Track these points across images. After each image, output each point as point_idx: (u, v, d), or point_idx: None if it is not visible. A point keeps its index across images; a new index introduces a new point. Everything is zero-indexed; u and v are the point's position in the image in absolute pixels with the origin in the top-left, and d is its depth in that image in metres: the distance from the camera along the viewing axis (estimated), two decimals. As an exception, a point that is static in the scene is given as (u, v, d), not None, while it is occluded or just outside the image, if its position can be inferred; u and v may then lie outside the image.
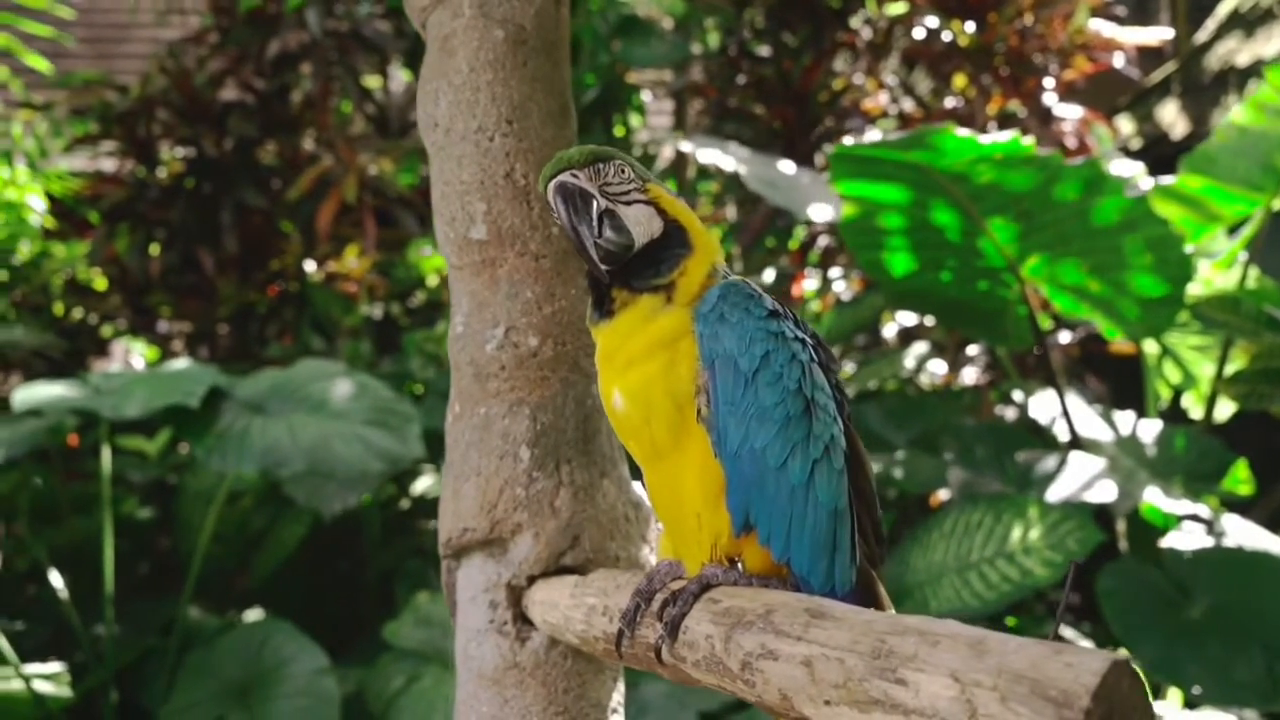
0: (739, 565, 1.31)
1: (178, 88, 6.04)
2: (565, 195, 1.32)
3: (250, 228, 6.18)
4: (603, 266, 1.31)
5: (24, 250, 5.65)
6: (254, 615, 4.61)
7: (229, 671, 3.82)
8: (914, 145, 3.76)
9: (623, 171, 1.34)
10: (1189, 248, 4.04)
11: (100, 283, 6.34)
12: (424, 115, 1.74)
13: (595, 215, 1.31)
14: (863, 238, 4.32)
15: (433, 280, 6.44)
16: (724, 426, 1.27)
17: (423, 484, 5.05)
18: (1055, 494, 4.03)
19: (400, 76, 7.12)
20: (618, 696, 1.70)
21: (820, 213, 4.64)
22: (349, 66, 6.18)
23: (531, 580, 1.64)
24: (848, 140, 5.80)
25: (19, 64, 5.98)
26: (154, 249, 6.19)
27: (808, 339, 1.33)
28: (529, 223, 1.69)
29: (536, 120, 1.68)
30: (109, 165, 6.45)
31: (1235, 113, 4.32)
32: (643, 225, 1.32)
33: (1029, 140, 3.69)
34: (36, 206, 5.52)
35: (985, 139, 3.70)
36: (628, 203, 1.33)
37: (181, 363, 4.58)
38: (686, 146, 5.34)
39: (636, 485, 1.74)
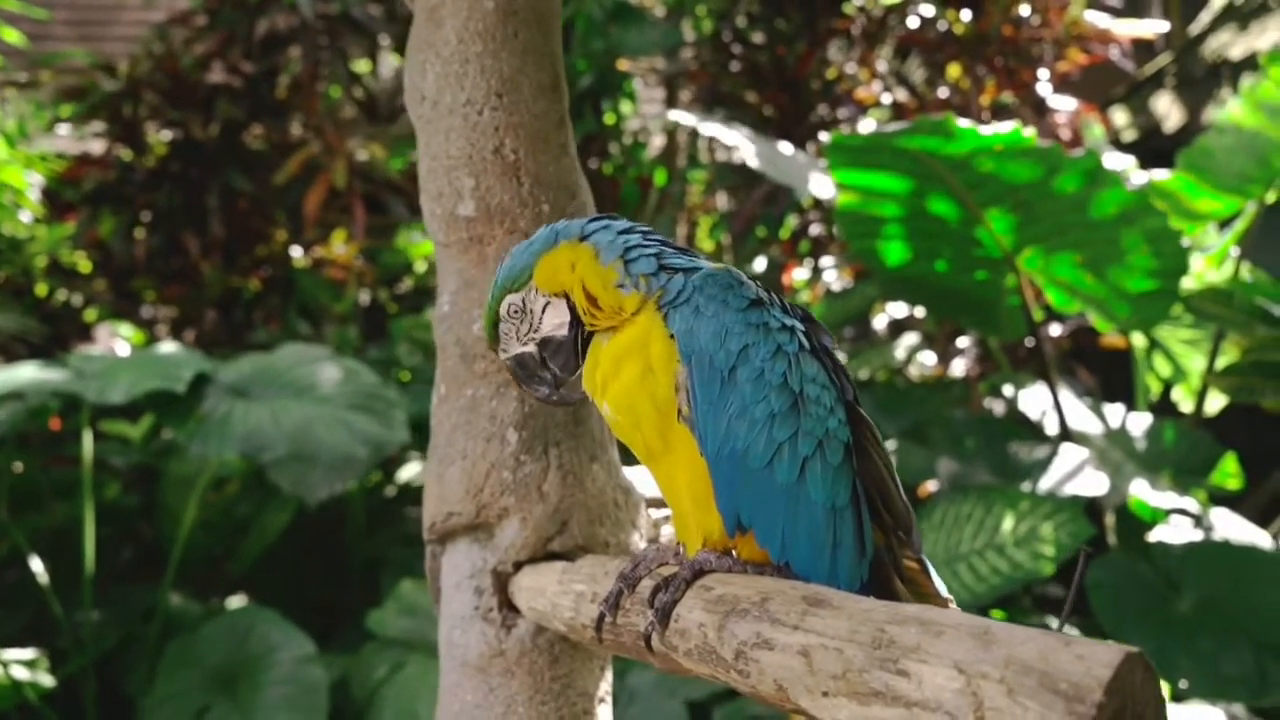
0: (734, 553, 1.27)
1: (164, 70, 5.96)
2: (512, 374, 1.38)
3: (236, 212, 6.11)
4: (574, 396, 1.36)
5: (19, 227, 5.54)
6: (237, 602, 4.55)
7: (213, 660, 3.75)
8: (914, 134, 3.72)
9: (509, 310, 1.33)
10: (1184, 241, 4.01)
11: (84, 265, 6.25)
12: (411, 88, 1.68)
13: (538, 376, 1.35)
14: (859, 226, 4.27)
15: (421, 266, 6.38)
16: (703, 426, 1.22)
17: (409, 471, 4.99)
18: (1044, 486, 4.01)
19: (390, 61, 7.03)
20: (605, 685, 1.66)
21: (821, 187, 4.56)
22: (338, 50, 6.10)
23: (518, 566, 1.60)
24: (842, 129, 5.76)
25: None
26: (139, 233, 6.11)
27: (798, 325, 1.27)
28: (518, 199, 1.64)
29: (527, 94, 1.63)
30: (95, 147, 6.36)
31: (1232, 108, 4.28)
32: (559, 319, 1.32)
33: (1029, 132, 3.65)
34: (33, 183, 5.42)
35: (986, 130, 3.66)
36: (541, 317, 1.32)
37: (167, 347, 4.52)
38: (689, 120, 5.26)
39: (626, 471, 1.71)
